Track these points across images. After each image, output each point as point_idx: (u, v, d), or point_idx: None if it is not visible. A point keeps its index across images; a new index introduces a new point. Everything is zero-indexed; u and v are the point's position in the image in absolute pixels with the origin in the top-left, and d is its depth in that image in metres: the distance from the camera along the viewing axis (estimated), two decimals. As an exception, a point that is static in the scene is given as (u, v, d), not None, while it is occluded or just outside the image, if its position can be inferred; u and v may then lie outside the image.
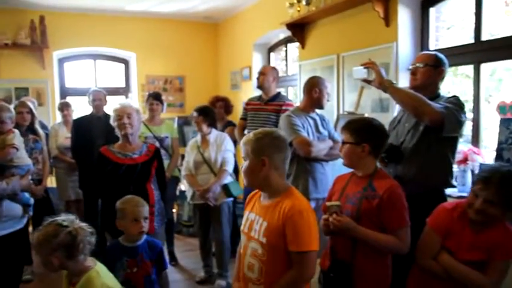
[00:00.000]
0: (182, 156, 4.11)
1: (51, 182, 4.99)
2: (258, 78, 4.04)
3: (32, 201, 2.92)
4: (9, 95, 5.83)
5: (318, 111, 3.34)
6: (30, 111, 3.94)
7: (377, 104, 3.71)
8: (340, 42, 4.20)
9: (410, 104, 2.36)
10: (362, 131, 2.07)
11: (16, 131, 3.02)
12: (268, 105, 3.95)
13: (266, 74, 3.99)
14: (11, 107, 3.31)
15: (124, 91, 6.86)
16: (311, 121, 3.21)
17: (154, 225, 2.96)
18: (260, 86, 4.02)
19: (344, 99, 4.18)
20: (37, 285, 3.93)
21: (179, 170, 4.23)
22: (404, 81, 3.25)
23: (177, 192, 5.04)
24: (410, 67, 2.55)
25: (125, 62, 6.90)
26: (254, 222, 1.91)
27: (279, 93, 4.11)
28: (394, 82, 2.52)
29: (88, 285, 1.74)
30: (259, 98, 4.11)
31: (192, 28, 6.88)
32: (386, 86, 2.43)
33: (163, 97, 4.54)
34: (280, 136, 1.92)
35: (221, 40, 7.02)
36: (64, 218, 1.79)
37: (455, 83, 3.74)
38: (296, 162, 3.12)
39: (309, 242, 1.77)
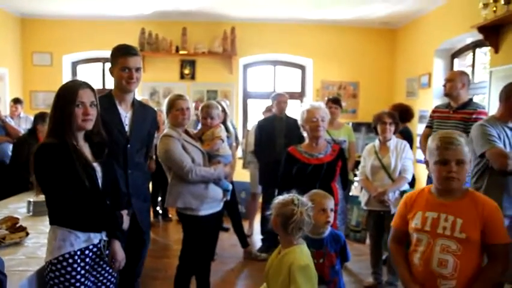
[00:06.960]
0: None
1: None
2: (444, 86, 3.84)
3: (230, 187, 3.26)
4: (202, 96, 6.68)
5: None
6: (224, 110, 4.45)
7: None
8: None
9: None
10: None
11: (221, 125, 3.41)
12: (457, 113, 3.73)
13: (453, 80, 3.78)
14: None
15: (299, 96, 7.19)
16: (509, 132, 2.92)
17: (336, 223, 3.05)
18: (447, 94, 3.83)
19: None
20: (218, 265, 4.39)
21: (354, 174, 4.27)
22: None
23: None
24: None
25: (302, 68, 7.24)
26: (439, 219, 1.94)
27: (470, 100, 3.84)
28: None
29: (289, 254, 2.01)
30: (448, 105, 3.89)
31: (368, 35, 6.87)
32: None
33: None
34: None
35: (398, 46, 6.85)
36: (302, 199, 2.09)
37: None
38: (488, 175, 2.89)
39: (506, 235, 1.90)
